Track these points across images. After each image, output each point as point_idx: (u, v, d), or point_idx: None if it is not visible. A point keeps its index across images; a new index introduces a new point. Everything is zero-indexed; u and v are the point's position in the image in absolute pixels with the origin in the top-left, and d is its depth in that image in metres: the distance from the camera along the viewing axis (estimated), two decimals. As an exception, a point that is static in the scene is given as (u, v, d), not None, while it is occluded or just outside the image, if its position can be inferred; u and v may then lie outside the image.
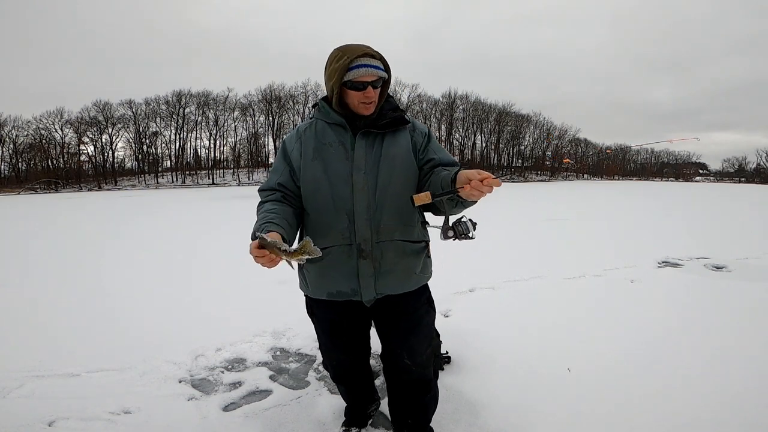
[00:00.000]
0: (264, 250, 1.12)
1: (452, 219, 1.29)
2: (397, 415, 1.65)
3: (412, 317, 1.50)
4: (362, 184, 1.38)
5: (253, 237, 1.19)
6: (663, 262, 5.11)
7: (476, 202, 1.22)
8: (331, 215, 1.39)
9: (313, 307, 1.56)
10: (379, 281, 1.41)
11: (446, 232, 1.25)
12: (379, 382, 2.14)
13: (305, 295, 1.57)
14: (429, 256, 1.53)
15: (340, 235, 1.38)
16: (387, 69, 1.38)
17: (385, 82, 1.41)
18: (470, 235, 1.25)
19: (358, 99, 1.36)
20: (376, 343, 1.69)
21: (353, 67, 1.32)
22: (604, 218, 9.87)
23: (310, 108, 1.56)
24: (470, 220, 1.27)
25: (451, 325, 2.85)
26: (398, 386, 1.61)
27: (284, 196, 1.42)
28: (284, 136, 1.54)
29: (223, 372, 2.37)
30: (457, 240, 1.28)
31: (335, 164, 1.40)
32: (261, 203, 1.43)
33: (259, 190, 1.49)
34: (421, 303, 1.53)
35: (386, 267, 1.40)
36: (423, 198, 1.20)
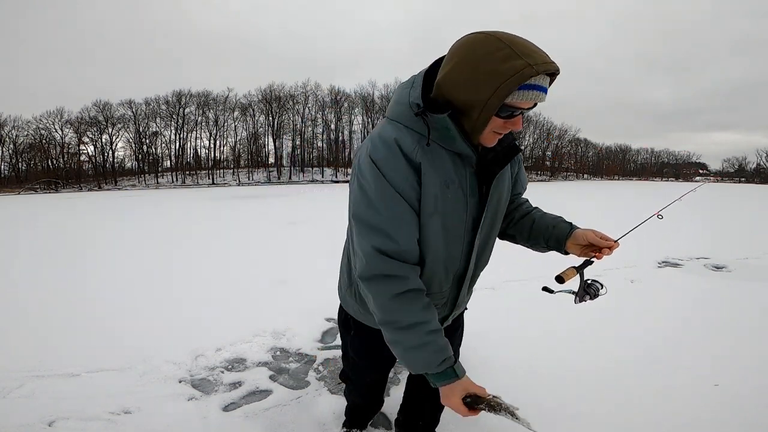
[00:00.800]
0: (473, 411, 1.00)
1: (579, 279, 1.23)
2: (408, 416, 1.59)
3: (455, 323, 1.41)
4: (480, 243, 1.12)
5: (443, 366, 0.98)
6: (663, 262, 5.11)
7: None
8: (437, 277, 1.09)
9: (359, 328, 1.29)
10: (454, 315, 1.29)
11: (583, 297, 1.22)
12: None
13: (349, 314, 1.31)
14: None
15: (441, 298, 1.15)
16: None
17: None
18: (600, 293, 1.23)
19: (494, 126, 0.92)
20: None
21: (528, 87, 0.85)
22: (603, 218, 9.87)
23: (406, 109, 0.97)
24: (597, 280, 1.24)
25: (451, 325, 2.85)
26: (425, 389, 1.42)
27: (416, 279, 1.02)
28: (374, 158, 0.95)
29: (223, 372, 2.37)
30: (590, 301, 1.25)
31: (453, 216, 1.01)
32: (413, 303, 0.96)
33: (389, 256, 0.95)
34: (464, 310, 1.45)
35: (465, 304, 1.32)
36: (570, 275, 1.14)
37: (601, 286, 1.23)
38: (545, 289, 1.22)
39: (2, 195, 31.27)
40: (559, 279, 1.12)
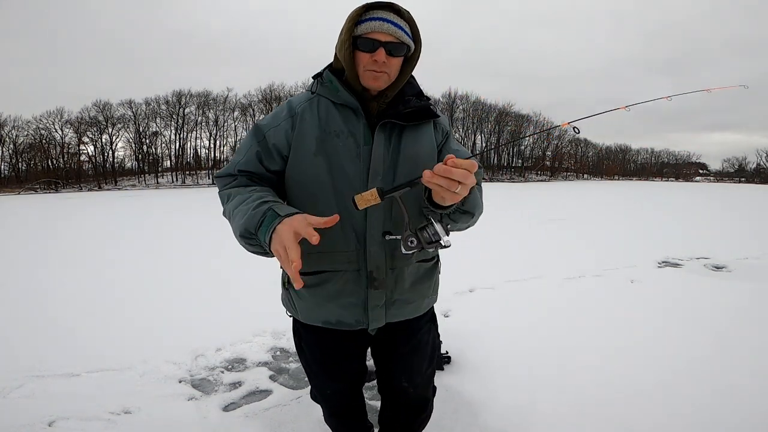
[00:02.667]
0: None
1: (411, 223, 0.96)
2: (385, 425, 1.47)
3: (412, 339, 1.28)
4: None
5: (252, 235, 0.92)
6: (663, 262, 5.11)
7: (462, 207, 1.00)
8: (335, 233, 1.05)
9: (302, 330, 1.28)
10: (390, 311, 1.17)
11: (407, 240, 0.92)
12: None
13: (291, 317, 1.29)
14: (439, 272, 1.30)
15: (345, 260, 1.10)
16: (415, 38, 1.08)
17: (411, 56, 1.11)
18: (442, 242, 0.90)
19: (364, 63, 1.05)
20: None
21: (365, 20, 1.03)
22: (604, 218, 9.87)
23: (310, 78, 1.20)
24: (436, 222, 0.94)
25: (451, 325, 2.85)
26: (393, 407, 1.42)
27: (250, 179, 1.10)
28: (260, 121, 1.15)
29: (223, 372, 2.37)
30: (424, 249, 0.93)
31: (344, 164, 1.07)
32: (225, 192, 1.09)
33: (217, 177, 1.14)
34: (424, 322, 1.30)
35: (400, 295, 1.16)
36: (369, 198, 0.88)
37: (446, 231, 0.92)
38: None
39: (2, 195, 31.27)
40: (353, 201, 0.90)
